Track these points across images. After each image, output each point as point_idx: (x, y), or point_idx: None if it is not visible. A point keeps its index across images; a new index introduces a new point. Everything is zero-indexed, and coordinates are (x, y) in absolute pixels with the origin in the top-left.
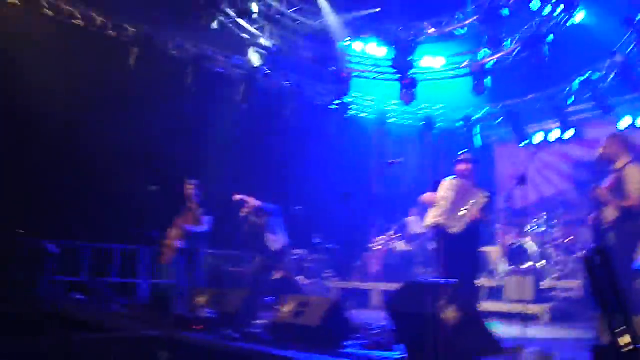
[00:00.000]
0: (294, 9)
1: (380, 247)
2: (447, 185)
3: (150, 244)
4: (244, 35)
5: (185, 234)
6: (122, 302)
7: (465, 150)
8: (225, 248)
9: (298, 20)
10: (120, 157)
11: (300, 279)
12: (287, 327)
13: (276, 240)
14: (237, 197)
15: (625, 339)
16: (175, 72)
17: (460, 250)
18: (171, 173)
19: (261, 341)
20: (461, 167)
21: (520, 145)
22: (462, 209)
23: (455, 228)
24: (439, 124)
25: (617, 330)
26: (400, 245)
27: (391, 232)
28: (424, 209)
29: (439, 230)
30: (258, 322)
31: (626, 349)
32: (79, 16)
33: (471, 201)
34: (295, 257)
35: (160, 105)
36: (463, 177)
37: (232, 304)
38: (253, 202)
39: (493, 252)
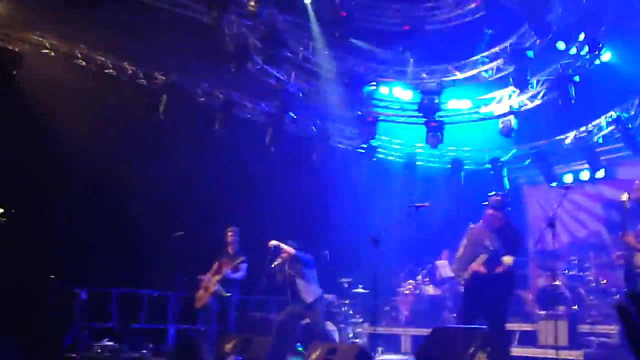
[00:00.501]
0: (320, 55)
1: (409, 291)
2: (466, 233)
3: (179, 289)
4: (270, 81)
5: (224, 279)
6: (152, 349)
7: (494, 192)
8: (251, 293)
9: (324, 67)
10: (150, 203)
11: (328, 324)
12: None
13: (310, 292)
14: (273, 243)
15: None
16: (204, 118)
17: (476, 297)
18: (200, 218)
19: None
20: (488, 211)
21: (550, 186)
22: (470, 256)
23: (460, 279)
24: (466, 166)
25: None
26: (429, 290)
27: (420, 276)
28: (452, 253)
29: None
30: None
31: None
32: (111, 66)
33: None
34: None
35: (189, 151)
36: (488, 221)
37: (260, 351)
38: (288, 249)
39: (525, 295)
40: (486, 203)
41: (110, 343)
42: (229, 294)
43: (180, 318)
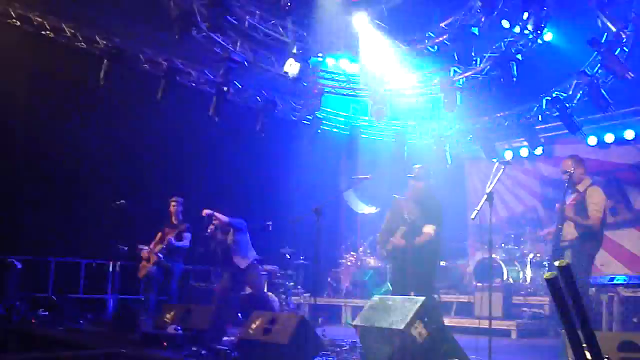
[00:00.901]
0: (267, 24)
1: (351, 263)
2: (391, 206)
3: (119, 259)
4: (216, 49)
5: (168, 248)
6: (90, 319)
7: (417, 166)
8: (193, 263)
9: (270, 35)
10: (88, 171)
11: (269, 295)
12: (254, 343)
13: (243, 258)
14: (206, 212)
15: (588, 355)
16: (147, 86)
17: (403, 269)
18: (141, 187)
19: (228, 358)
20: (410, 182)
21: (491, 162)
22: (391, 229)
23: (383, 251)
24: (410, 140)
25: (579, 347)
26: (371, 262)
27: (362, 248)
28: None
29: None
30: (226, 339)
31: None
32: (48, 27)
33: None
34: (264, 273)
35: (131, 119)
36: (412, 192)
37: (200, 321)
38: (221, 217)
39: (463, 267)
40: (411, 175)
41: (47, 314)
42: (168, 264)
43: (121, 288)
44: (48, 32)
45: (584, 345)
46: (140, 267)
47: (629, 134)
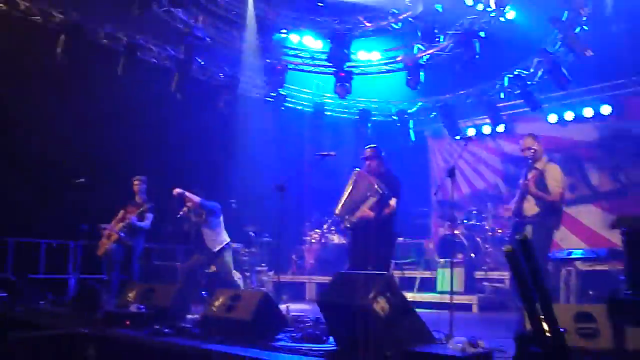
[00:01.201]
0: None
1: (315, 240)
2: (351, 176)
3: (81, 238)
4: (177, 25)
5: (129, 226)
6: (52, 299)
7: (371, 146)
8: (156, 241)
9: (234, 11)
10: (47, 148)
11: (234, 273)
12: (218, 321)
13: (216, 241)
14: (177, 191)
15: (545, 326)
16: (107, 62)
17: (363, 243)
18: (102, 165)
19: (192, 336)
20: (366, 162)
21: (454, 139)
22: (356, 201)
23: (347, 222)
24: (374, 118)
25: (537, 318)
26: (335, 239)
27: (326, 225)
28: None
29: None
30: (189, 316)
31: (545, 335)
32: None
33: (368, 197)
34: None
35: (91, 95)
36: (368, 171)
37: (163, 299)
38: (192, 197)
39: (426, 243)
40: (364, 156)
41: (5, 295)
42: (129, 242)
43: (83, 268)
44: (2, 5)
45: (542, 316)
46: (100, 244)
47: (588, 112)
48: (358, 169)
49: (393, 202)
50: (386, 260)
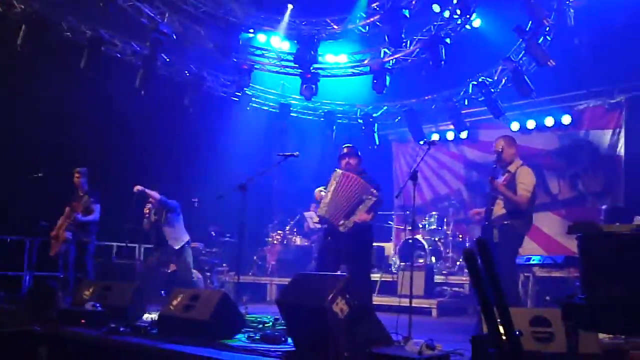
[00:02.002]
0: None
1: (277, 241)
2: (332, 176)
3: (37, 234)
4: (143, 20)
5: (76, 223)
6: (5, 297)
7: (348, 145)
8: (114, 240)
9: (201, 8)
10: (5, 141)
11: (194, 272)
12: (176, 320)
13: (177, 239)
14: (138, 188)
15: (501, 329)
16: (69, 55)
17: (350, 246)
18: (61, 161)
19: (148, 335)
20: (344, 160)
21: (418, 143)
22: (348, 203)
23: (343, 227)
24: (339, 121)
25: (494, 321)
26: (297, 240)
27: (288, 227)
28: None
29: (327, 224)
30: (147, 316)
31: (501, 338)
32: None
33: (365, 200)
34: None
35: (53, 89)
36: (348, 169)
37: (120, 297)
38: (152, 194)
39: (387, 247)
40: (343, 152)
41: None
42: (80, 239)
43: (39, 265)
44: None
45: (498, 320)
46: (51, 245)
47: (549, 121)
48: (340, 170)
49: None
50: (366, 264)
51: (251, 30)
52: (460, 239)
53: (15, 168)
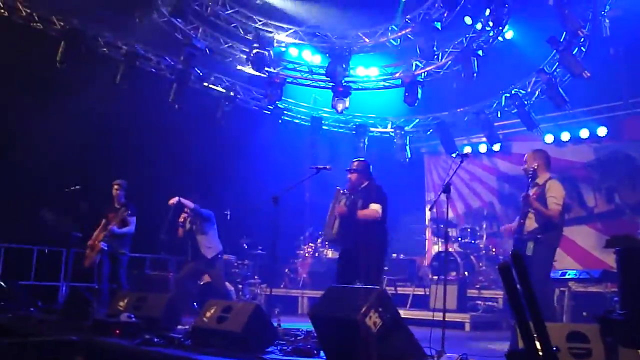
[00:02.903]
0: (230, 11)
1: (309, 254)
2: (334, 197)
3: (73, 246)
4: (177, 35)
5: (111, 235)
6: (42, 307)
7: (356, 159)
8: (149, 251)
9: (234, 23)
10: (42, 155)
11: (226, 284)
12: (209, 332)
13: (211, 248)
14: (173, 201)
15: (538, 345)
16: (106, 70)
17: (356, 260)
18: (98, 174)
19: (182, 346)
20: (349, 176)
21: (450, 156)
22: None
23: (327, 236)
24: (370, 133)
25: (530, 336)
26: (328, 253)
27: (320, 240)
28: None
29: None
30: (180, 327)
31: (538, 354)
32: (1, 5)
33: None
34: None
35: (89, 104)
36: (352, 184)
37: (154, 309)
38: (187, 203)
39: (420, 260)
40: (348, 168)
41: None
42: (116, 251)
43: (74, 276)
44: (2, 11)
45: (534, 335)
46: (86, 255)
47: (584, 133)
48: (339, 188)
49: (377, 207)
50: (377, 278)
51: (283, 44)
52: (493, 253)
53: (53, 181)
